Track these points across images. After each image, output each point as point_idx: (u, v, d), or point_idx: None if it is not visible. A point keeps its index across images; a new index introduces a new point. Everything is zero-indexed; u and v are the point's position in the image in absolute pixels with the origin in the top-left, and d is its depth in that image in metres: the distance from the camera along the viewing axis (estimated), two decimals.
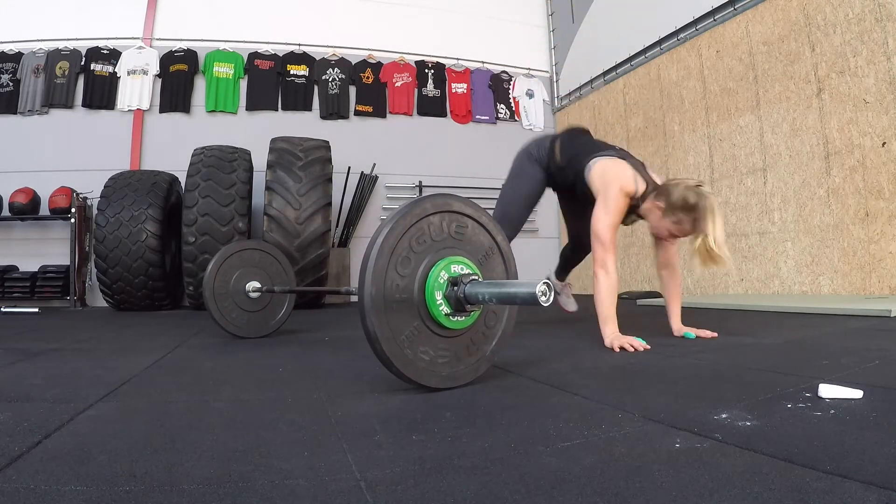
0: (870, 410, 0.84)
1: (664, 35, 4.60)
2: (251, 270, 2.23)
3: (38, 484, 0.61)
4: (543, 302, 0.98)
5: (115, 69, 5.05)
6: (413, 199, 1.14)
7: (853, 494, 0.53)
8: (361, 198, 5.29)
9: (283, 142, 4.23)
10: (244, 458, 0.70)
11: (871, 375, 1.12)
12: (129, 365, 1.51)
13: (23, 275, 4.52)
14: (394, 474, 0.64)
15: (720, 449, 0.69)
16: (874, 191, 2.97)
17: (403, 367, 1.05)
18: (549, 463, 0.66)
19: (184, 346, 1.97)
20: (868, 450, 0.66)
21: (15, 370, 1.43)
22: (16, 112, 4.85)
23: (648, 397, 1.00)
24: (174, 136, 5.06)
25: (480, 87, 6.02)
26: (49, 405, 1.01)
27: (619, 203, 1.77)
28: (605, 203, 1.78)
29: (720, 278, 3.99)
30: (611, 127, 5.31)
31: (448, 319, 1.11)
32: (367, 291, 1.03)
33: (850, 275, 3.11)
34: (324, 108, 5.51)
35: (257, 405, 1.03)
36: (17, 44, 4.93)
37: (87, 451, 0.73)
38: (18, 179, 4.58)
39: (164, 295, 4.13)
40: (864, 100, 3.02)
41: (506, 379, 1.23)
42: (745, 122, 3.80)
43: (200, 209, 3.76)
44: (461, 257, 1.15)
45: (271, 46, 5.42)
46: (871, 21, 2.98)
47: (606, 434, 0.78)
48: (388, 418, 0.91)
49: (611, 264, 1.75)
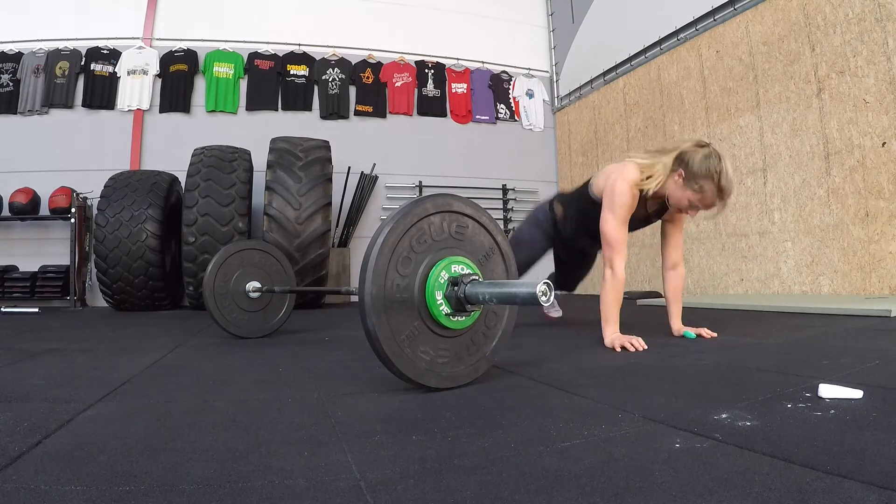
0: (870, 410, 0.84)
1: (664, 35, 4.60)
2: (251, 270, 2.23)
3: (38, 484, 0.61)
4: (544, 302, 0.98)
5: (115, 69, 5.05)
6: (413, 199, 1.14)
7: (853, 494, 0.53)
8: (361, 198, 5.29)
9: (283, 142, 4.23)
10: (244, 458, 0.70)
11: (871, 375, 1.12)
12: (129, 365, 1.51)
13: (23, 275, 4.52)
14: (394, 474, 0.64)
15: (720, 449, 0.69)
16: (874, 191, 2.97)
17: (403, 366, 1.05)
18: (549, 463, 0.66)
19: (184, 346, 1.97)
20: (868, 450, 0.66)
21: (15, 370, 1.43)
22: (16, 112, 4.85)
23: (648, 397, 1.00)
24: (174, 136, 5.06)
25: (480, 87, 6.02)
26: (49, 405, 1.01)
27: (624, 197, 1.72)
28: (611, 202, 1.75)
29: (720, 278, 3.99)
30: (611, 127, 5.31)
31: (448, 319, 1.11)
32: (367, 291, 1.03)
33: (850, 275, 3.11)
34: (324, 108, 5.51)
35: (257, 405, 1.03)
36: (17, 44, 4.93)
37: (87, 451, 0.73)
38: (18, 179, 4.58)
39: (164, 295, 4.13)
40: (864, 100, 3.02)
41: (506, 379, 1.23)
42: (745, 122, 3.80)
43: (200, 209, 3.76)
44: (462, 257, 1.15)
45: (271, 46, 5.42)
46: (871, 21, 2.98)
47: (606, 434, 0.78)
48: (388, 418, 0.91)
49: (618, 264, 1.72)
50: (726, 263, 3.93)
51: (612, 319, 1.69)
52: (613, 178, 1.76)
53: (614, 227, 1.73)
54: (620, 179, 1.74)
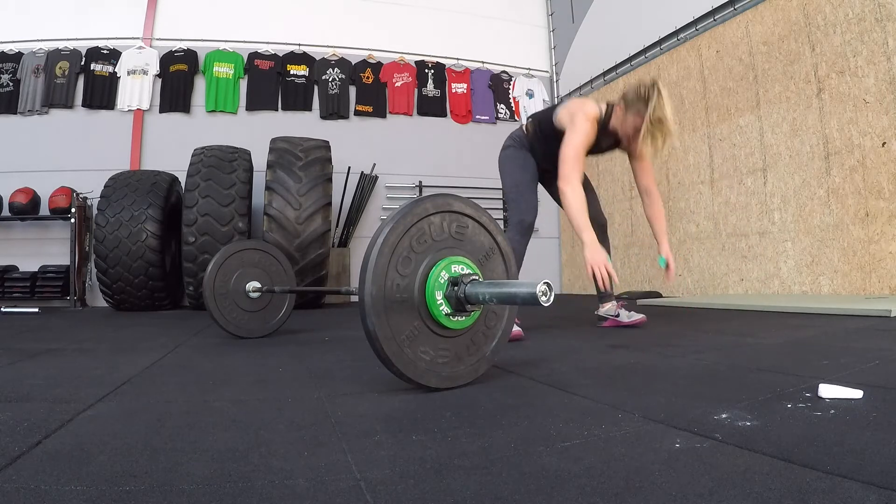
0: (870, 410, 0.84)
1: (664, 35, 4.60)
2: (251, 270, 2.23)
3: (38, 484, 0.61)
4: (544, 302, 0.98)
5: (115, 69, 5.05)
6: (414, 199, 1.14)
7: (853, 494, 0.53)
8: (361, 198, 5.29)
9: (283, 142, 4.23)
10: (244, 458, 0.70)
11: (871, 375, 1.12)
12: (129, 365, 1.51)
13: (23, 275, 4.52)
14: (394, 474, 0.64)
15: (720, 449, 0.69)
16: (874, 191, 2.97)
17: (403, 366, 1.05)
18: (549, 463, 0.66)
19: (184, 346, 1.97)
20: (868, 450, 0.66)
21: (15, 370, 1.43)
22: (16, 112, 4.85)
23: (648, 397, 1.00)
24: (174, 136, 5.06)
25: (480, 87, 6.02)
26: (49, 405, 1.01)
27: (585, 126, 1.93)
28: (572, 128, 1.95)
29: (720, 278, 3.99)
30: None
31: (448, 319, 1.11)
32: (367, 291, 1.03)
33: (850, 275, 3.11)
34: (324, 108, 5.51)
35: (257, 405, 1.03)
36: (17, 44, 4.93)
37: (87, 451, 0.73)
38: (18, 179, 4.58)
39: (164, 295, 4.13)
40: (864, 100, 3.02)
41: (506, 379, 1.23)
42: (745, 122, 3.80)
43: (200, 209, 3.77)
44: (462, 257, 1.15)
45: (271, 46, 5.42)
46: (871, 21, 2.98)
47: (606, 434, 0.78)
48: (388, 418, 0.91)
49: (575, 180, 1.89)
50: (726, 263, 3.93)
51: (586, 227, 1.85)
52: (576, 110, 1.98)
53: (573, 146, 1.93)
54: (581, 114, 1.96)
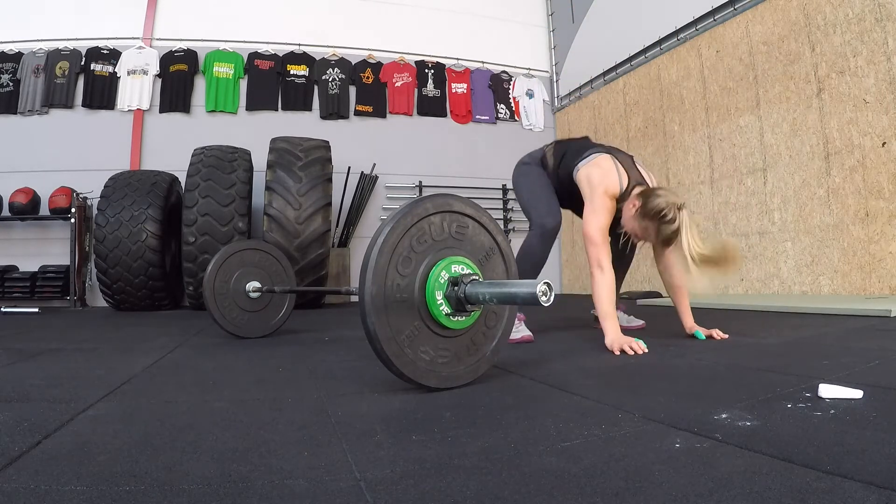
0: (870, 410, 0.84)
1: (664, 35, 4.60)
2: (251, 270, 2.23)
3: (38, 484, 0.61)
4: (544, 302, 0.98)
5: (115, 69, 5.05)
6: (414, 199, 1.14)
7: (853, 494, 0.53)
8: (361, 198, 5.29)
9: (283, 142, 4.22)
10: (244, 458, 0.70)
11: (871, 375, 1.12)
12: (129, 365, 1.51)
13: (23, 275, 4.52)
14: (394, 474, 0.64)
15: (720, 449, 0.69)
16: (874, 191, 2.97)
17: (403, 366, 1.05)
18: (549, 463, 0.66)
19: (184, 346, 1.97)
20: (868, 450, 0.66)
21: (15, 370, 1.43)
22: (16, 112, 4.85)
23: (648, 397, 1.00)
24: (174, 136, 5.06)
25: (480, 87, 6.02)
26: (49, 405, 1.01)
27: (606, 204, 1.84)
28: (593, 206, 1.85)
29: (720, 278, 3.98)
30: (611, 127, 5.31)
31: (448, 319, 1.11)
32: (367, 291, 1.03)
33: (850, 275, 3.10)
34: (324, 108, 5.51)
35: (257, 405, 1.03)
36: (17, 44, 4.92)
37: (87, 451, 0.73)
38: (18, 179, 4.58)
39: (164, 295, 4.13)
40: (864, 100, 3.01)
41: (506, 379, 1.23)
42: (745, 122, 3.80)
43: (200, 209, 3.76)
44: (462, 257, 1.15)
45: (271, 46, 5.42)
46: (871, 21, 2.97)
47: (606, 434, 0.78)
48: (388, 418, 0.91)
49: (605, 261, 1.78)
50: None
51: (610, 316, 1.72)
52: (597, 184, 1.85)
53: (597, 228, 1.81)
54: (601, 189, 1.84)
